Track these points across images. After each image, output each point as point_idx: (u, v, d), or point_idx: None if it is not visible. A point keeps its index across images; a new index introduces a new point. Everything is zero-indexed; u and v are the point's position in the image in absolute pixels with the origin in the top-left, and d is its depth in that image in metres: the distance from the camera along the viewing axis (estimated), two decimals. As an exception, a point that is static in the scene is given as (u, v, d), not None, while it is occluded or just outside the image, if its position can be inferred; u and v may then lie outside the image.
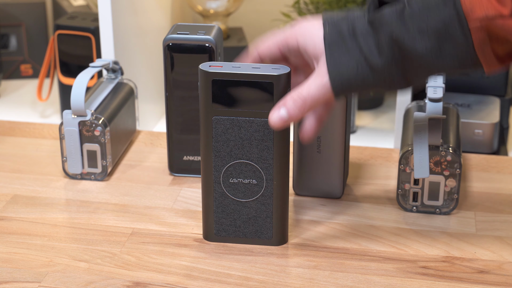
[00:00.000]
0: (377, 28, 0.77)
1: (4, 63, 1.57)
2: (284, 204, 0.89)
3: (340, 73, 0.78)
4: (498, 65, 0.78)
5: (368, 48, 0.78)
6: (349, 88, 0.79)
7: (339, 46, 0.78)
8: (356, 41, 0.78)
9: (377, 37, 0.77)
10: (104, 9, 1.21)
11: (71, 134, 1.02)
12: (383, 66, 0.78)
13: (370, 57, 0.78)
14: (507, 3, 0.74)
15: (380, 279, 0.85)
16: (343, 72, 0.78)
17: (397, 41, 0.77)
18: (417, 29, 0.76)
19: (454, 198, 0.96)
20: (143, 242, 0.91)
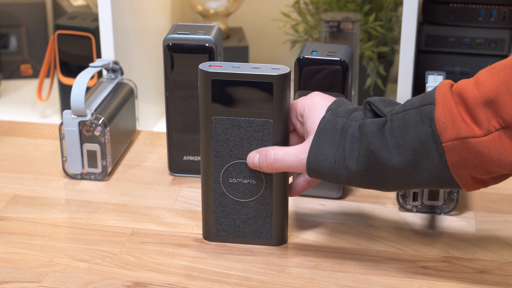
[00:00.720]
0: (361, 135, 0.80)
1: (4, 63, 1.57)
2: (283, 204, 0.89)
3: (317, 160, 0.82)
4: (475, 186, 0.78)
5: (350, 151, 0.80)
6: (321, 175, 0.82)
7: (328, 136, 0.81)
8: (343, 139, 0.81)
9: (359, 144, 0.80)
10: (104, 9, 1.21)
11: (71, 134, 1.02)
12: (357, 172, 0.80)
13: (348, 159, 0.80)
14: (483, 125, 0.75)
15: (380, 279, 0.85)
16: (320, 161, 0.81)
17: (374, 152, 0.79)
18: (394, 144, 0.78)
19: (454, 198, 0.96)
20: (143, 242, 0.91)
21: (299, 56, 0.95)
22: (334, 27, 1.33)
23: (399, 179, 0.79)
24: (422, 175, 0.78)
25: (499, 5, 1.26)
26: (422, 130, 0.77)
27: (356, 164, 0.80)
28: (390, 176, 0.79)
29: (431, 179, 0.78)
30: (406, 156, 0.78)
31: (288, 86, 0.84)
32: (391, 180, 0.80)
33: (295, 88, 0.96)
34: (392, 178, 0.79)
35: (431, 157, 0.77)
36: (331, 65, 0.94)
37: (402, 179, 0.79)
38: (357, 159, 0.80)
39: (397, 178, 0.79)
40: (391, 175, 0.79)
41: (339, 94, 0.94)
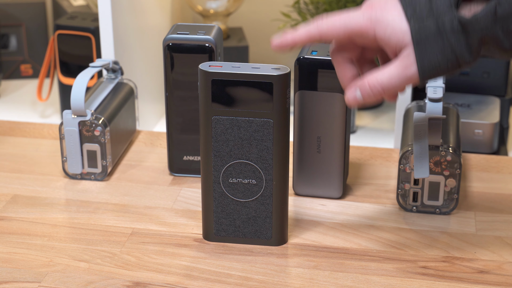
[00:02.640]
0: (469, 30, 0.77)
1: (4, 63, 1.57)
2: (283, 204, 0.89)
3: (430, 68, 0.78)
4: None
5: (459, 48, 0.77)
6: (433, 78, 0.80)
7: (429, 44, 0.78)
8: (447, 40, 0.77)
9: (469, 37, 0.77)
10: (104, 9, 1.21)
11: (71, 134, 1.02)
12: (472, 62, 0.78)
13: (461, 56, 0.78)
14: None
15: (380, 279, 0.85)
16: (432, 68, 0.78)
17: (488, 43, 0.77)
18: (506, 31, 0.76)
19: (454, 198, 0.96)
20: (143, 242, 0.91)
21: (299, 56, 0.95)
22: (334, 27, 1.33)
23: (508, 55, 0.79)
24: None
25: (499, 5, 1.26)
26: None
27: (470, 56, 0.77)
28: (499, 54, 0.78)
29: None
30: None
31: (288, 86, 0.84)
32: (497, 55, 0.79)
33: (295, 88, 0.96)
34: (501, 53, 0.78)
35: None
36: (331, 65, 0.93)
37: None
38: (471, 52, 0.77)
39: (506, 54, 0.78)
40: (500, 55, 0.78)
41: (339, 94, 0.94)
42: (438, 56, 0.78)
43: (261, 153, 0.86)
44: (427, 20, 0.78)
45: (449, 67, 0.78)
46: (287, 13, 1.50)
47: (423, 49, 0.78)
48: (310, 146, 0.98)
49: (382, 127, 1.43)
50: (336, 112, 0.96)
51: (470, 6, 0.78)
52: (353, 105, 0.82)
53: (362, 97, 0.80)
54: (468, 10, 0.78)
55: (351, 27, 0.79)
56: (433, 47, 0.78)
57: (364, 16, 0.79)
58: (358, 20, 0.79)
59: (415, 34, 0.78)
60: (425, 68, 0.78)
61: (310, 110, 0.96)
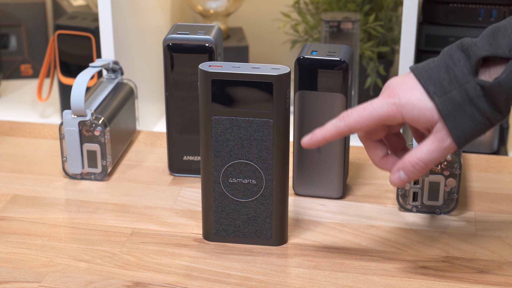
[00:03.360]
0: (495, 94, 0.78)
1: (4, 63, 1.57)
2: (283, 204, 0.89)
3: (464, 136, 0.80)
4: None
5: (488, 110, 0.78)
6: (470, 142, 0.81)
7: (458, 114, 0.79)
8: (474, 105, 0.78)
9: (495, 100, 0.78)
10: (104, 9, 1.21)
11: (71, 134, 1.02)
12: (503, 118, 0.80)
13: (492, 117, 0.79)
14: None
15: (380, 279, 0.85)
16: (467, 134, 0.80)
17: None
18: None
19: (454, 198, 0.96)
20: (143, 242, 0.91)
21: (299, 56, 0.95)
22: (334, 27, 1.33)
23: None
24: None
25: (499, 5, 1.26)
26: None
27: (501, 116, 0.79)
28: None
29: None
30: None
31: (288, 86, 0.84)
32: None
33: (295, 88, 0.96)
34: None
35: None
36: (331, 65, 0.94)
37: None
38: (500, 111, 0.78)
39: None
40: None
41: (339, 94, 0.94)
42: (469, 123, 0.79)
43: (261, 153, 0.86)
44: (450, 92, 0.79)
45: (482, 128, 0.79)
46: (287, 13, 1.50)
47: (454, 120, 0.79)
48: (310, 146, 0.98)
49: (382, 127, 1.43)
50: (336, 112, 0.95)
51: (489, 70, 0.79)
52: (399, 186, 0.84)
53: (407, 176, 0.82)
54: (488, 75, 0.78)
55: (378, 116, 0.81)
56: (463, 116, 0.79)
57: (389, 103, 0.80)
58: (383, 109, 0.81)
59: (442, 109, 0.79)
60: (460, 137, 0.79)
61: (310, 110, 0.96)
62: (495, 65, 0.79)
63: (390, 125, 0.85)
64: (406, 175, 0.82)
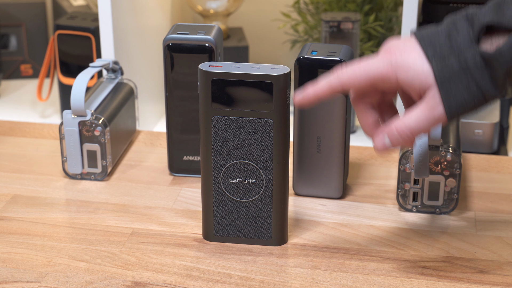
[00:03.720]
0: (494, 65, 0.76)
1: (4, 63, 1.57)
2: (283, 204, 0.89)
3: (456, 107, 0.77)
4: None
5: (484, 84, 0.76)
6: (460, 117, 0.79)
7: (453, 82, 0.77)
8: (471, 76, 0.76)
9: (493, 72, 0.76)
10: (104, 9, 1.21)
11: (71, 134, 1.02)
12: (499, 95, 0.78)
13: (487, 92, 0.77)
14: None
15: (380, 279, 0.85)
16: (459, 106, 0.77)
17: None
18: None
19: (454, 198, 0.96)
20: (143, 242, 0.91)
21: (299, 56, 0.95)
22: (334, 27, 1.33)
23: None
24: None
25: (499, 5, 1.26)
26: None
27: (496, 91, 0.76)
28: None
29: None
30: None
31: (288, 86, 0.84)
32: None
33: (295, 88, 0.96)
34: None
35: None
36: (331, 65, 0.94)
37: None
38: (496, 86, 0.76)
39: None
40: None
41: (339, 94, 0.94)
42: (464, 94, 0.77)
43: (261, 153, 0.86)
44: (448, 58, 0.77)
45: (475, 103, 0.77)
46: (287, 13, 1.50)
47: (448, 88, 0.77)
48: (310, 146, 0.98)
49: (382, 127, 1.43)
50: (336, 112, 0.96)
51: (491, 40, 0.76)
52: (382, 152, 0.81)
53: (391, 143, 0.79)
54: (490, 44, 0.76)
55: (372, 74, 0.79)
56: (458, 85, 0.77)
57: (384, 62, 0.78)
58: (378, 66, 0.78)
59: (438, 74, 0.77)
60: (452, 107, 0.77)
61: (310, 110, 0.96)
62: (498, 35, 0.76)
63: (384, 91, 0.83)
64: (390, 141, 0.79)
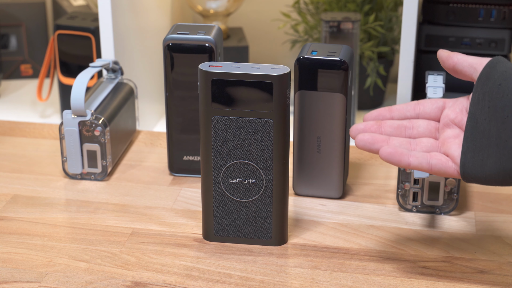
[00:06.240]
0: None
1: (4, 63, 1.57)
2: (283, 204, 0.89)
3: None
4: None
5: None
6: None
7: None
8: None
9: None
10: (104, 9, 1.21)
11: (71, 134, 1.02)
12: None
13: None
14: None
15: (380, 279, 0.85)
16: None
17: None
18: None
19: (454, 198, 0.96)
20: (143, 242, 0.91)
21: (299, 56, 0.95)
22: (334, 27, 1.33)
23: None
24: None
25: (499, 5, 1.26)
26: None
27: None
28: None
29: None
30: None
31: (288, 86, 0.84)
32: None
33: (295, 88, 0.96)
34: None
35: None
36: (331, 65, 0.94)
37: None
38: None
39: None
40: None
41: (339, 94, 0.94)
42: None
43: (261, 153, 0.86)
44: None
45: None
46: (287, 13, 1.50)
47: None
48: (310, 146, 0.98)
49: (382, 127, 1.43)
50: (336, 112, 0.96)
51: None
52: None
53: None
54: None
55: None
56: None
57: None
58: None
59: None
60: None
61: (310, 110, 0.96)
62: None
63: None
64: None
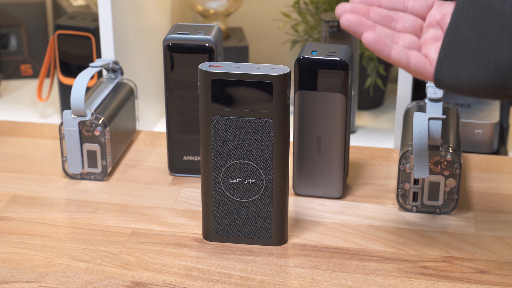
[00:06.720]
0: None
1: (4, 63, 1.57)
2: (283, 204, 0.89)
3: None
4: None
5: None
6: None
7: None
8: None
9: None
10: (104, 9, 1.21)
11: (71, 134, 1.02)
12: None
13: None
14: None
15: (380, 279, 0.85)
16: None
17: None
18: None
19: (454, 198, 0.96)
20: (143, 242, 0.91)
21: (299, 56, 0.95)
22: (334, 27, 1.33)
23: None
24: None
25: (499, 5, 1.26)
26: None
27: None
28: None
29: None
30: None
31: (288, 86, 0.84)
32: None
33: (295, 88, 0.96)
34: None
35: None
36: (331, 65, 0.94)
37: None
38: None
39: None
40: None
41: (339, 94, 0.94)
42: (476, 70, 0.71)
43: (261, 153, 0.86)
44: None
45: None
46: (287, 13, 1.50)
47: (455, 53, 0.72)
48: (310, 146, 0.98)
49: (382, 127, 1.43)
50: (336, 112, 0.96)
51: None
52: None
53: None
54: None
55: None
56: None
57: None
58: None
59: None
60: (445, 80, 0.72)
61: (310, 110, 0.96)
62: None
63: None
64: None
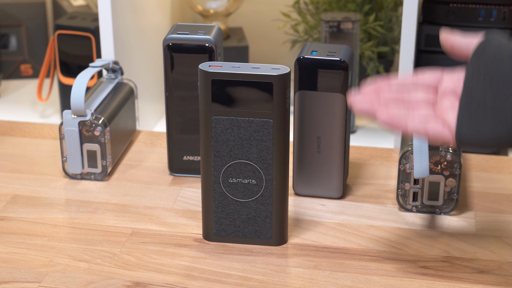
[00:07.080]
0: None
1: (4, 63, 1.57)
2: (283, 204, 0.89)
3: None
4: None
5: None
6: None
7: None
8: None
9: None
10: (104, 9, 1.21)
11: (71, 134, 1.02)
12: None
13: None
14: None
15: (380, 279, 0.85)
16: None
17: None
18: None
19: (454, 198, 0.96)
20: (143, 242, 0.91)
21: (299, 56, 0.95)
22: (334, 27, 1.33)
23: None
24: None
25: (499, 5, 1.26)
26: None
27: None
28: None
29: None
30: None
31: (288, 86, 0.84)
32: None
33: (295, 88, 0.96)
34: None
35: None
36: (331, 65, 0.94)
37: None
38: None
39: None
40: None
41: (339, 94, 0.94)
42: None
43: (261, 153, 0.86)
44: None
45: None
46: (287, 13, 1.50)
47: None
48: (310, 146, 0.98)
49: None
50: (336, 112, 0.96)
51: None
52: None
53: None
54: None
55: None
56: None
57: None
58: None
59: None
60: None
61: (310, 110, 0.96)
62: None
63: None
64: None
